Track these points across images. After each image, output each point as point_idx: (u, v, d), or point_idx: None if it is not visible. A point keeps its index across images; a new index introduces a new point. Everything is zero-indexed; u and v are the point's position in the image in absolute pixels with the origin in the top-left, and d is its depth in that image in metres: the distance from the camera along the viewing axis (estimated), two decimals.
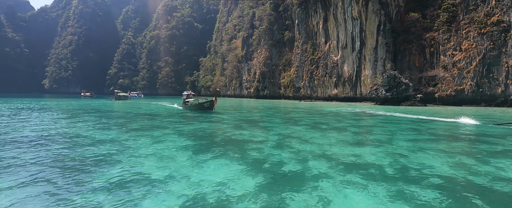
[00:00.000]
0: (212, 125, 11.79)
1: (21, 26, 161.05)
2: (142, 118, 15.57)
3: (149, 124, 12.29)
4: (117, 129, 10.59)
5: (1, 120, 13.32)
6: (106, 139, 8.31)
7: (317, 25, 58.16)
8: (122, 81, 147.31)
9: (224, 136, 9.19)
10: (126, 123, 12.87)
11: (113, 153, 6.49)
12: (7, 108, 22.97)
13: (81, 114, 17.39)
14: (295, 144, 7.81)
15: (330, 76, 54.16)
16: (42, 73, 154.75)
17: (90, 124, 12.24)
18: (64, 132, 9.64)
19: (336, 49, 52.78)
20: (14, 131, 9.95)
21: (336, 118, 16.43)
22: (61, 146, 7.25)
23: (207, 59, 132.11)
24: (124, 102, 42.88)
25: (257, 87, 78.99)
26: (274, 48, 74.76)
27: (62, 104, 34.21)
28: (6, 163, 5.58)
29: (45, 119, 14.43)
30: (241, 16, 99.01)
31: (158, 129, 10.54)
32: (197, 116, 16.96)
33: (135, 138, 8.46)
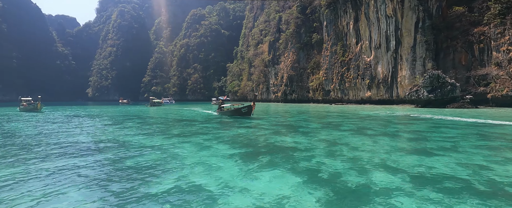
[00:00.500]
0: (251, 131, 11.54)
1: (69, 41, 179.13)
2: (181, 123, 15.89)
3: (189, 130, 12.42)
4: (161, 135, 10.81)
5: (59, 127, 14.40)
6: (154, 145, 8.43)
7: (347, 25, 56.10)
8: (155, 88, 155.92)
9: (267, 142, 8.85)
10: (168, 129, 13.18)
11: (163, 160, 6.48)
12: (62, 115, 25.17)
13: (125, 121, 18.33)
14: (347, 152, 7.20)
15: (362, 78, 51.65)
16: (86, 83, 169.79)
17: (135, 130, 12.72)
18: (114, 138, 10.03)
19: (369, 49, 50.29)
20: (70, 136, 10.63)
21: (379, 122, 15.27)
22: (115, 152, 7.44)
23: (234, 65, 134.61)
24: (158, 108, 44.98)
25: (285, 91, 78.18)
26: (301, 51, 73.64)
27: (105, 110, 36.76)
28: (65, 168, 5.79)
29: (95, 125, 15.39)
30: (267, 20, 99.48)
31: (199, 135, 10.54)
32: (233, 121, 16.88)
33: (181, 145, 8.47)
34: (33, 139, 10.13)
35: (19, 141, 9.64)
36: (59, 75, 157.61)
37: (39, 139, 10.13)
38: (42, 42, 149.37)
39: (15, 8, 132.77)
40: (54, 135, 11.18)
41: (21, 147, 8.51)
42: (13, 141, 9.67)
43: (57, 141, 9.58)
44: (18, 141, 9.76)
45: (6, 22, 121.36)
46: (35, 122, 17.44)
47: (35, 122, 17.04)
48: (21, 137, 10.72)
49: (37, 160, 6.70)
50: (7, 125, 15.95)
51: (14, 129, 13.46)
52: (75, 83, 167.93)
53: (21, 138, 10.37)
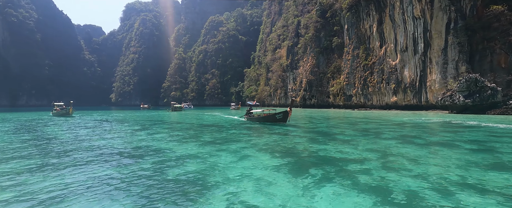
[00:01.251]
0: (284, 138, 10.81)
1: (95, 48, 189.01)
2: (209, 129, 15.49)
3: (220, 136, 11.91)
4: (193, 142, 10.38)
5: (92, 132, 14.47)
6: (190, 153, 7.96)
7: (370, 28, 54.23)
8: (174, 93, 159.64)
9: (308, 151, 8.08)
10: (198, 135, 12.78)
11: (204, 173, 5.93)
12: (92, 120, 25.84)
13: (152, 126, 18.30)
14: (409, 165, 6.28)
15: (387, 83, 49.37)
16: (110, 89, 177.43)
17: (166, 136, 12.45)
18: (148, 145, 9.72)
19: (394, 52, 48.11)
20: (104, 142, 10.48)
21: (423, 130, 13.97)
22: (152, 161, 7.01)
23: (251, 70, 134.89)
24: (180, 113, 45.45)
25: (304, 96, 76.72)
26: (321, 55, 72.17)
27: (130, 115, 37.59)
28: (102, 180, 5.39)
29: (125, 130, 15.38)
30: (286, 25, 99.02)
31: (232, 142, 9.97)
32: (262, 128, 16.19)
33: (217, 154, 7.93)
34: (69, 145, 10.05)
35: (56, 147, 9.56)
36: (85, 81, 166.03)
37: (75, 145, 10.04)
38: (71, 51, 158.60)
39: (48, 19, 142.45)
40: (87, 140, 11.11)
41: (59, 152, 8.36)
42: (51, 146, 9.61)
43: (91, 146, 9.40)
44: (56, 146, 9.70)
45: (41, 32, 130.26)
46: (69, 126, 17.82)
47: (69, 127, 17.40)
48: (58, 142, 10.70)
49: (73, 168, 6.40)
50: (44, 129, 16.35)
51: (51, 134, 13.66)
52: (100, 89, 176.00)
53: (58, 144, 10.34)
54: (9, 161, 7.12)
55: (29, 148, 9.23)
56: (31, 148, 9.17)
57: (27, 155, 7.94)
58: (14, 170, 6.21)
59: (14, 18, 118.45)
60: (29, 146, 9.79)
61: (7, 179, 5.51)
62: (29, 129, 15.98)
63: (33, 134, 13.38)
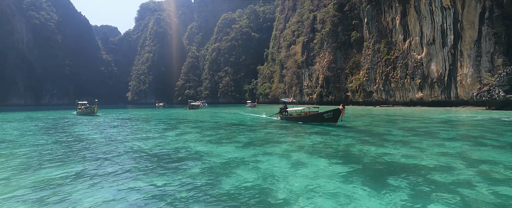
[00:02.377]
0: (329, 139, 9.76)
1: (111, 48, 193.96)
2: (239, 129, 14.65)
3: (257, 137, 11.03)
4: (230, 143, 9.57)
5: (121, 131, 14.03)
6: (234, 158, 7.13)
7: (392, 21, 51.69)
8: (188, 91, 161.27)
9: (370, 156, 7.03)
10: (231, 135, 11.99)
11: (263, 183, 5.08)
12: (116, 118, 25.79)
13: (179, 124, 17.77)
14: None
15: (412, 78, 46.92)
16: (126, 87, 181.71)
17: (199, 136, 11.76)
18: (185, 146, 9.02)
19: (420, 46, 45.57)
20: (137, 142, 9.89)
21: (480, 128, 12.52)
22: (197, 168, 6.24)
23: (265, 67, 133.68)
24: (197, 111, 45.18)
25: (320, 93, 74.86)
26: (338, 51, 69.97)
27: (150, 113, 37.65)
28: (146, 190, 4.62)
29: (153, 129, 14.88)
30: (300, 21, 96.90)
31: (274, 145, 9.05)
32: (297, 127, 15.02)
33: (265, 158, 7.06)
34: (104, 146, 9.52)
35: (93, 150, 9.04)
36: (103, 80, 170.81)
37: (111, 147, 9.49)
38: (90, 51, 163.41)
39: (67, 21, 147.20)
40: (121, 141, 10.57)
41: (98, 157, 7.78)
42: (87, 149, 9.10)
43: (128, 150, 8.78)
44: (93, 150, 9.18)
45: (61, 33, 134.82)
46: (97, 126, 17.58)
47: (97, 126, 17.14)
48: (93, 144, 10.21)
49: (116, 177, 5.70)
50: (74, 129, 16.14)
51: (82, 134, 13.31)
52: (117, 88, 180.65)
53: (93, 146, 9.83)
54: (48, 166, 6.57)
55: (65, 151, 8.74)
56: (68, 151, 8.68)
57: (65, 158, 7.39)
58: (54, 177, 5.61)
59: (37, 21, 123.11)
60: (64, 148, 9.33)
61: (50, 187, 4.87)
62: (59, 129, 15.80)
63: (65, 134, 13.08)
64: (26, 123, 21.04)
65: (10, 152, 8.57)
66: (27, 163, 6.93)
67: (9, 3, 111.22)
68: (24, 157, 7.74)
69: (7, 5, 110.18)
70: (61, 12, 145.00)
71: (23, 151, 8.63)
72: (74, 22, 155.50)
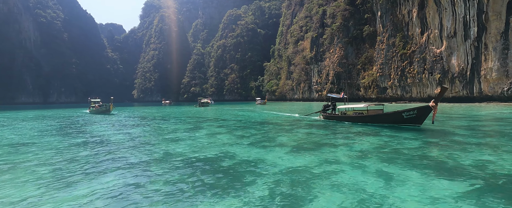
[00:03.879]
0: (407, 143, 8.46)
1: (117, 46, 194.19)
2: (274, 128, 13.36)
3: (301, 139, 9.78)
4: (275, 146, 8.39)
5: (145, 133, 13.01)
6: (293, 167, 5.99)
7: (409, 14, 49.73)
8: (193, 89, 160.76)
9: (470, 166, 5.75)
10: (267, 136, 10.81)
11: (335, 197, 3.84)
12: (132, 117, 24.86)
13: (199, 123, 16.69)
14: None
15: (430, 73, 45.11)
16: (132, 85, 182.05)
17: (229, 137, 10.64)
18: (221, 151, 7.97)
19: (439, 39, 43.67)
20: (170, 144, 8.81)
21: None
22: (261, 184, 5.06)
23: (271, 64, 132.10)
24: (206, 109, 44.13)
25: (331, 89, 73.15)
26: (350, 46, 68.14)
27: (163, 111, 36.76)
28: None
29: (178, 129, 13.78)
30: (309, 16, 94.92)
31: (338, 150, 7.78)
32: (343, 126, 13.51)
33: (332, 166, 5.93)
34: (134, 150, 8.47)
35: (120, 152, 7.98)
36: (109, 78, 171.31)
37: (142, 151, 8.42)
38: (96, 49, 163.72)
39: (73, 19, 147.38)
40: (151, 144, 9.51)
41: (127, 161, 6.72)
42: (113, 152, 8.04)
43: (164, 156, 7.72)
44: (119, 152, 8.11)
45: (67, 31, 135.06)
46: (117, 125, 16.55)
47: (117, 126, 16.11)
48: (118, 146, 9.15)
49: (163, 195, 4.57)
50: (91, 128, 15.17)
51: (103, 135, 12.27)
52: (122, 86, 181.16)
53: (118, 148, 8.77)
54: (80, 175, 5.51)
55: (94, 156, 7.71)
56: (97, 156, 7.64)
57: (98, 166, 6.32)
58: (91, 189, 4.53)
59: (43, 19, 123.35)
60: (92, 152, 8.30)
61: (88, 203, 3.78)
62: (77, 129, 14.82)
63: (87, 135, 12.07)
64: (40, 122, 20.21)
65: (35, 157, 7.55)
66: (57, 173, 5.87)
67: (16, 2, 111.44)
68: (51, 166, 6.70)
69: (14, 4, 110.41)
70: (67, 10, 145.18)
71: (47, 158, 7.60)
72: (80, 20, 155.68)
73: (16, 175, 5.40)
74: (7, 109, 51.65)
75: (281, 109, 36.44)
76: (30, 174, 5.49)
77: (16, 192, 4.33)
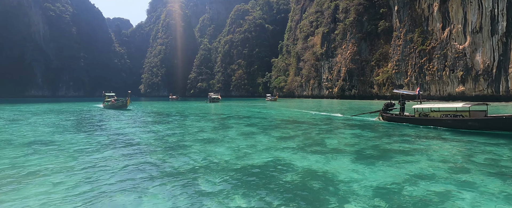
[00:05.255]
0: (487, 149, 7.20)
1: (124, 41, 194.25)
2: (309, 128, 12.22)
3: (355, 143, 8.61)
4: (331, 152, 7.26)
5: (166, 130, 12.00)
6: (369, 181, 4.87)
7: (429, 8, 47.58)
8: (200, 84, 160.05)
9: None
10: (311, 138, 9.67)
11: None
12: (149, 113, 23.98)
13: (224, 121, 15.64)
14: None
15: (452, 70, 43.15)
16: (139, 80, 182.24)
17: (270, 140, 9.51)
18: (270, 157, 6.95)
19: (462, 35, 41.61)
20: (207, 148, 7.75)
21: None
22: None
23: (279, 60, 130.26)
24: (217, 104, 43.17)
25: (342, 86, 71.46)
26: (363, 41, 66.07)
27: (176, 107, 35.92)
28: None
29: (205, 129, 12.71)
30: (319, 11, 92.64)
31: (391, 155, 6.60)
32: (414, 130, 11.09)
33: (415, 182, 4.69)
34: (167, 152, 7.48)
35: (153, 155, 6.99)
36: (116, 72, 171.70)
37: (176, 154, 7.43)
38: (103, 43, 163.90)
39: (82, 13, 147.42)
40: (181, 145, 8.50)
41: (162, 166, 5.71)
42: (145, 154, 7.03)
43: (199, 159, 6.69)
44: (152, 154, 7.11)
45: (76, 25, 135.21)
46: (137, 121, 15.60)
47: (138, 122, 15.15)
48: (149, 147, 8.16)
49: None
50: (111, 125, 14.22)
51: (127, 133, 11.30)
52: (130, 80, 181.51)
53: (149, 149, 7.77)
54: (108, 184, 4.49)
55: (123, 158, 6.71)
56: (128, 158, 6.65)
57: (131, 171, 5.31)
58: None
59: (52, 13, 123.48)
60: (119, 153, 7.30)
61: None
62: (96, 125, 13.89)
63: (109, 133, 11.11)
64: (55, 117, 19.42)
65: (54, 158, 6.57)
66: (84, 180, 4.85)
67: None
68: (78, 171, 5.69)
69: None
70: (76, 4, 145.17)
71: (76, 164, 6.61)
72: (88, 14, 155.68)
73: (44, 183, 4.39)
74: (19, 102, 51.57)
75: (299, 106, 35.22)
76: (60, 185, 4.47)
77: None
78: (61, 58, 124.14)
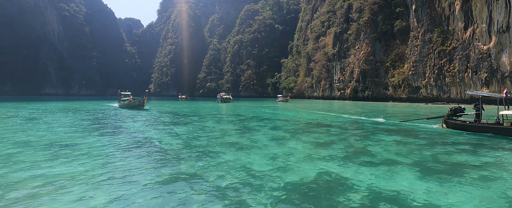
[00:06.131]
0: None
1: (135, 41, 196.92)
2: (342, 132, 11.32)
3: (412, 153, 7.64)
4: (395, 166, 6.29)
5: (189, 133, 11.31)
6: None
7: (450, 7, 45.67)
8: (209, 84, 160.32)
9: None
10: (355, 146, 8.76)
11: None
12: (166, 113, 23.53)
13: (245, 123, 14.88)
14: None
15: (474, 72, 41.22)
16: (149, 79, 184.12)
17: (304, 145, 8.69)
18: (319, 172, 6.03)
19: (486, 34, 39.66)
20: (236, 155, 7.00)
21: None
22: None
23: (289, 60, 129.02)
24: (227, 105, 42.55)
25: (355, 87, 69.83)
26: (378, 42, 64.32)
27: (189, 107, 35.52)
28: None
29: (229, 131, 11.97)
30: (332, 10, 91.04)
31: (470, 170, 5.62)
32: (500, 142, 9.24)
33: None
34: (203, 164, 6.73)
35: (189, 166, 6.25)
36: (127, 72, 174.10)
37: (215, 167, 6.65)
38: (115, 43, 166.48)
39: (95, 13, 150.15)
40: (218, 155, 7.72)
41: (206, 184, 4.94)
42: (184, 166, 6.30)
43: (243, 175, 5.88)
44: (188, 165, 6.38)
45: (89, 25, 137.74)
46: (158, 123, 15.01)
47: (160, 124, 14.53)
48: (182, 155, 7.43)
49: None
50: (132, 125, 13.67)
51: (151, 137, 10.67)
52: (140, 79, 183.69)
53: (183, 159, 7.03)
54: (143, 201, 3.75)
55: (156, 168, 5.99)
56: (162, 172, 5.92)
57: (166, 191, 4.57)
58: None
59: (67, 13, 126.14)
60: (152, 162, 6.60)
61: None
62: (116, 127, 13.35)
63: (131, 135, 10.51)
64: (71, 115, 19.13)
65: (78, 165, 5.94)
66: (112, 192, 4.15)
67: None
68: (105, 181, 5.02)
69: None
70: (89, 4, 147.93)
71: (96, 166, 5.96)
72: (101, 14, 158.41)
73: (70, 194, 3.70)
74: (34, 100, 52.45)
75: (315, 108, 34.17)
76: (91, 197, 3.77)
77: None
78: (74, 57, 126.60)
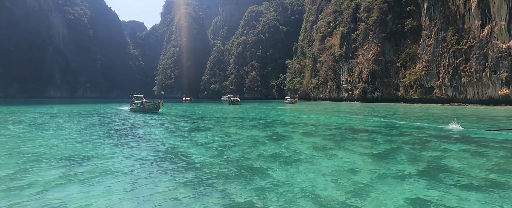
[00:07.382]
0: None
1: (139, 43, 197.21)
2: (393, 140, 10.12)
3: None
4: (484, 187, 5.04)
5: (217, 142, 10.15)
6: None
7: (465, 4, 44.24)
8: (213, 86, 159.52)
9: None
10: (416, 157, 7.53)
11: None
12: (177, 116, 22.45)
13: (270, 129, 13.72)
14: None
15: (493, 71, 39.69)
16: (152, 82, 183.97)
17: (362, 159, 7.44)
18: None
19: (506, 32, 38.19)
20: (287, 172, 5.82)
21: None
22: None
23: (294, 62, 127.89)
24: (235, 107, 41.31)
25: (364, 89, 68.38)
26: (387, 41, 62.94)
27: (198, 110, 34.50)
28: None
29: (258, 138, 10.77)
30: (338, 11, 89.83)
31: None
32: None
33: None
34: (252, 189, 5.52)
35: (236, 191, 5.05)
36: (131, 74, 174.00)
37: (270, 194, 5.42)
38: (119, 46, 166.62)
39: (99, 16, 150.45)
40: (265, 173, 6.54)
41: None
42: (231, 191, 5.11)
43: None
44: (235, 189, 5.18)
45: (93, 28, 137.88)
46: (180, 129, 13.88)
47: (181, 131, 13.39)
48: (222, 173, 6.26)
49: None
50: (150, 132, 12.56)
51: (176, 148, 9.50)
52: (144, 82, 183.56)
53: (227, 180, 5.82)
54: None
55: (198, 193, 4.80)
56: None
57: None
58: None
59: (71, 16, 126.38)
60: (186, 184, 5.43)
61: None
62: (134, 135, 12.23)
63: (154, 146, 9.36)
64: (81, 120, 18.08)
65: (97, 183, 4.81)
66: None
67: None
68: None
69: (45, 1, 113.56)
70: (93, 7, 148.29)
71: (118, 188, 4.82)
72: (105, 17, 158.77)
73: None
74: (39, 103, 51.77)
75: (329, 110, 32.79)
76: None
77: None
78: (78, 60, 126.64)
